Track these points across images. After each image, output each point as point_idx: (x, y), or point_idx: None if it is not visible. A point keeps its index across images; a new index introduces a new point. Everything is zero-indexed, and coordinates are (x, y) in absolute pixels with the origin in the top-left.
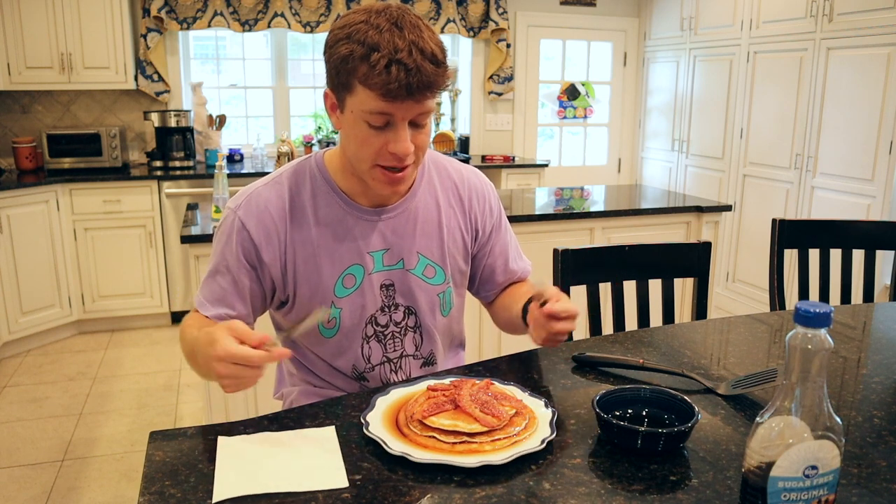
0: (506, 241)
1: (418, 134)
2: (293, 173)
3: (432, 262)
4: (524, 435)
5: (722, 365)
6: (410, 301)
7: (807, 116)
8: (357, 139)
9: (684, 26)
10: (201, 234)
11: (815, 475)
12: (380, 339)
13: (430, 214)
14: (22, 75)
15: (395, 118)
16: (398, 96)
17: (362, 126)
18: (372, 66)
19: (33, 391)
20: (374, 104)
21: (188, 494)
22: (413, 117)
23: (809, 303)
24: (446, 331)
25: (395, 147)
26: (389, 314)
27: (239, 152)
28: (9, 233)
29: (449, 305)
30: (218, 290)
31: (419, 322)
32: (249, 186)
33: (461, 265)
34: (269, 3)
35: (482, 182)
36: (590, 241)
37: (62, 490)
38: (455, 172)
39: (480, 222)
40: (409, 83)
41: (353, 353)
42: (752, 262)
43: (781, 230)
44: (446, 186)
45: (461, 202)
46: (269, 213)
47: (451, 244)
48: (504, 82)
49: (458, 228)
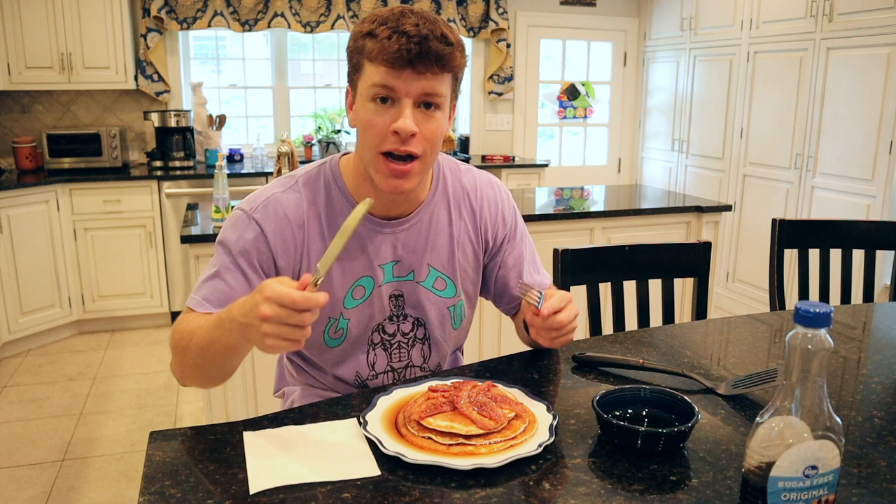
0: (520, 252)
1: (426, 121)
2: (308, 180)
3: (443, 275)
4: (521, 438)
5: (722, 365)
6: (420, 313)
7: (807, 116)
8: (364, 122)
9: (684, 26)
10: (201, 234)
11: (815, 475)
12: (386, 347)
13: (442, 226)
14: (22, 75)
15: (398, 93)
16: (397, 62)
17: (368, 106)
18: (375, 36)
19: (33, 391)
20: (376, 75)
21: (188, 494)
22: (417, 97)
23: (809, 303)
24: (455, 342)
25: (397, 124)
26: (398, 324)
27: (239, 152)
28: (9, 233)
29: (460, 318)
30: (225, 289)
31: (428, 334)
32: (265, 190)
33: (472, 277)
34: (269, 3)
35: (496, 191)
36: (590, 241)
37: (62, 490)
38: (469, 181)
39: (491, 233)
40: (410, 49)
41: (358, 361)
42: (752, 262)
43: (781, 230)
44: (458, 196)
45: (472, 212)
46: (288, 219)
47: (461, 257)
48: (504, 82)
49: (468, 241)
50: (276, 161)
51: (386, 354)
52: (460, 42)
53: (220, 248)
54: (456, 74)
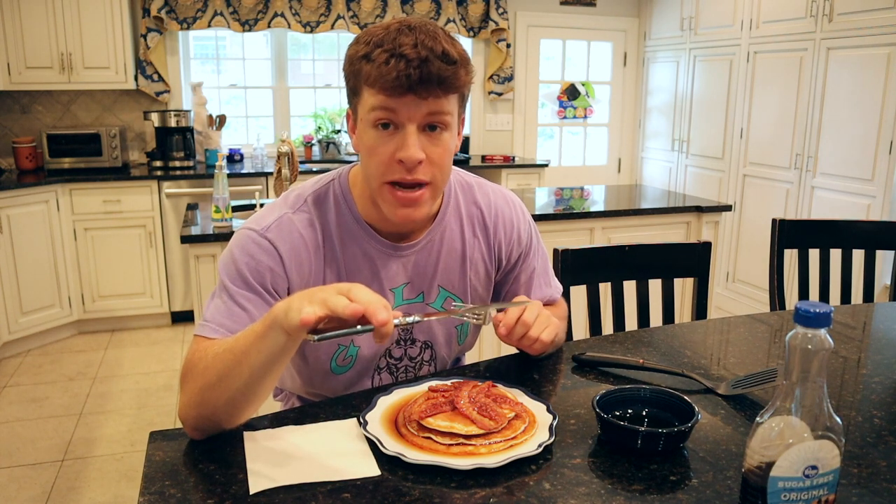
0: (533, 268)
1: (432, 145)
2: (318, 199)
3: (453, 295)
4: (521, 438)
5: (722, 365)
6: (428, 336)
7: (807, 116)
8: (367, 150)
9: (684, 26)
10: (201, 234)
11: (815, 475)
12: (392, 371)
13: (454, 245)
14: (22, 75)
15: (399, 118)
16: (396, 89)
17: (370, 133)
18: (372, 60)
19: (33, 391)
20: (375, 100)
21: (188, 494)
22: (422, 121)
23: (809, 303)
24: (460, 353)
25: (401, 153)
26: (405, 348)
27: (239, 152)
28: (9, 233)
29: (466, 335)
30: (241, 314)
31: (435, 355)
32: (274, 209)
33: (482, 295)
34: (269, 3)
35: (512, 208)
36: (590, 241)
37: (62, 490)
38: (482, 197)
39: (506, 252)
40: (409, 74)
41: (363, 385)
42: (752, 262)
43: (781, 230)
44: (472, 213)
45: (486, 231)
46: (304, 241)
47: (473, 276)
48: (504, 82)
49: (481, 260)
50: (276, 161)
51: (392, 378)
52: (465, 57)
53: (229, 269)
54: (462, 92)
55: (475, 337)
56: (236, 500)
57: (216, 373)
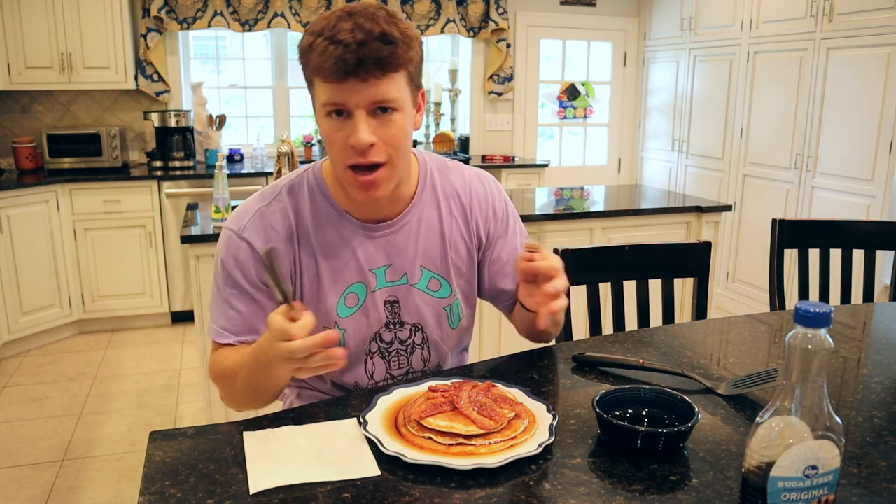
0: (514, 245)
1: (383, 127)
2: (292, 188)
3: (436, 275)
4: (521, 438)
5: (722, 365)
6: (417, 318)
7: (807, 116)
8: (326, 138)
9: (684, 26)
10: (201, 234)
11: (815, 475)
12: (384, 355)
13: (432, 225)
14: (22, 75)
15: (348, 104)
16: (335, 74)
17: (325, 122)
18: (314, 50)
19: (33, 391)
20: (323, 91)
21: (188, 494)
22: (369, 105)
23: (809, 303)
24: (456, 342)
25: (351, 139)
26: (394, 332)
27: (239, 152)
28: (9, 233)
29: (458, 317)
30: (236, 317)
31: (426, 338)
32: (248, 206)
33: (467, 276)
34: (269, 3)
35: (486, 186)
36: (590, 241)
37: (62, 490)
38: (458, 178)
39: (483, 229)
40: (346, 59)
41: (356, 372)
42: (752, 262)
43: (781, 230)
44: (448, 194)
45: (463, 210)
46: (277, 232)
47: (454, 256)
48: (504, 82)
49: (461, 238)
50: (276, 161)
51: (384, 363)
52: (407, 35)
53: (219, 270)
54: (408, 70)
55: (470, 321)
56: (236, 500)
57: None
